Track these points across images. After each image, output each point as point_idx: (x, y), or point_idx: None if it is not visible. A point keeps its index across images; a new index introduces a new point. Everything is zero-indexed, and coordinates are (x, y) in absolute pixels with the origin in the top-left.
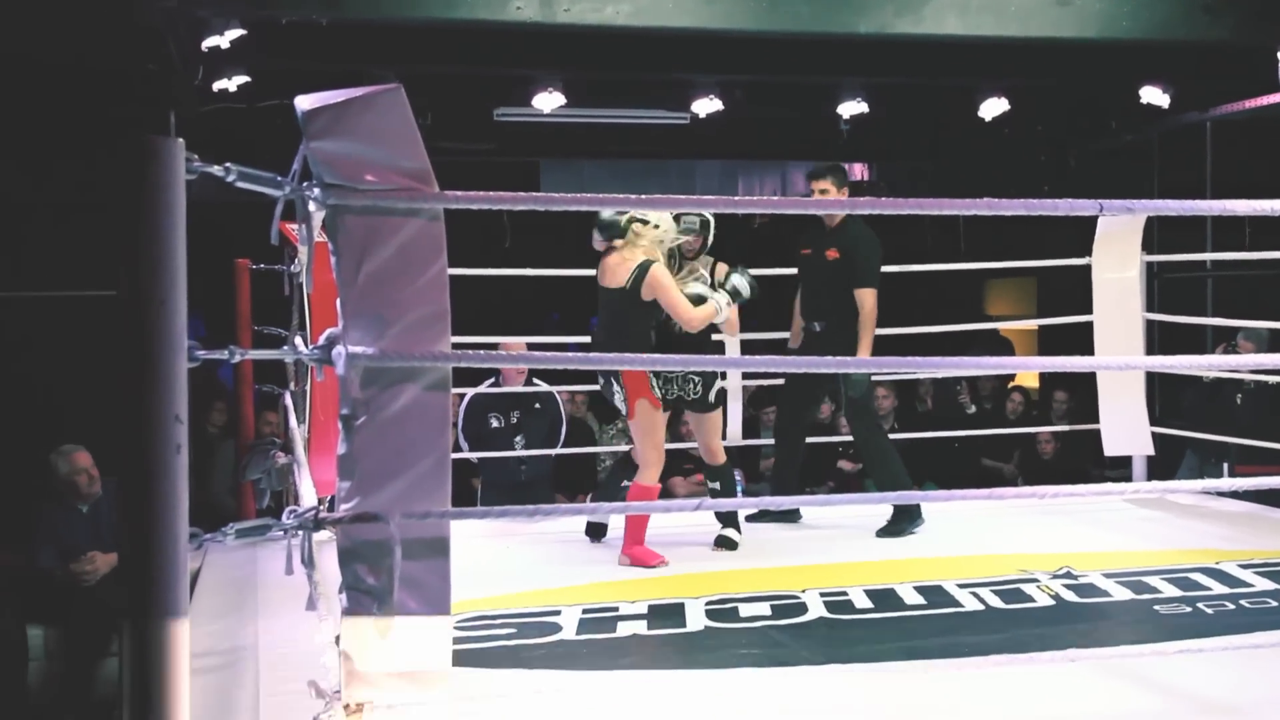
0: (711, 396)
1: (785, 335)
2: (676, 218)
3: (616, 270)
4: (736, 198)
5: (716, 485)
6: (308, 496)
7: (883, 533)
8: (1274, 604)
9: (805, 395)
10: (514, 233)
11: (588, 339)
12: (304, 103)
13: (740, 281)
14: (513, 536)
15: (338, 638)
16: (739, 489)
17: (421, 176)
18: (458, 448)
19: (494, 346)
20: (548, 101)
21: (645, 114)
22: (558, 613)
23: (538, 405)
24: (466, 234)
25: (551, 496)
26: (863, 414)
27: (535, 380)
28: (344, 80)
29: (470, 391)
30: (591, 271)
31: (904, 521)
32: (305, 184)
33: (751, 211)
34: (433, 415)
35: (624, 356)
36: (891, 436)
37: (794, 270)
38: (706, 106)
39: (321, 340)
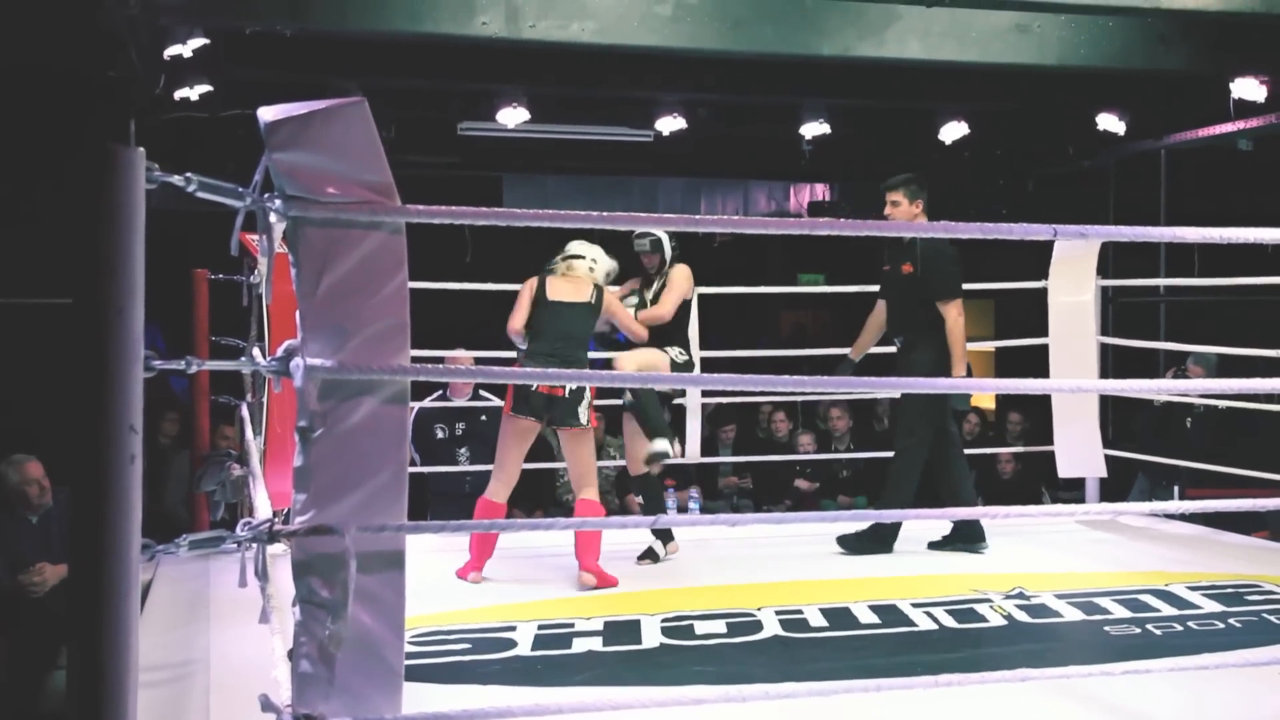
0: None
1: (742, 353)
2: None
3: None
4: (698, 216)
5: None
6: (262, 509)
7: (936, 545)
8: (1221, 626)
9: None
10: (475, 247)
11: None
12: (266, 114)
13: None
14: (464, 552)
15: (290, 651)
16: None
17: (383, 190)
18: (414, 461)
19: (438, 360)
20: (512, 116)
21: (609, 131)
22: (513, 628)
23: (484, 418)
24: (428, 247)
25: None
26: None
27: (484, 393)
28: (308, 92)
29: (417, 405)
30: None
31: (966, 539)
32: (266, 195)
33: (713, 230)
34: (390, 428)
35: (582, 373)
36: (848, 456)
37: (747, 290)
38: (670, 124)
39: (280, 352)
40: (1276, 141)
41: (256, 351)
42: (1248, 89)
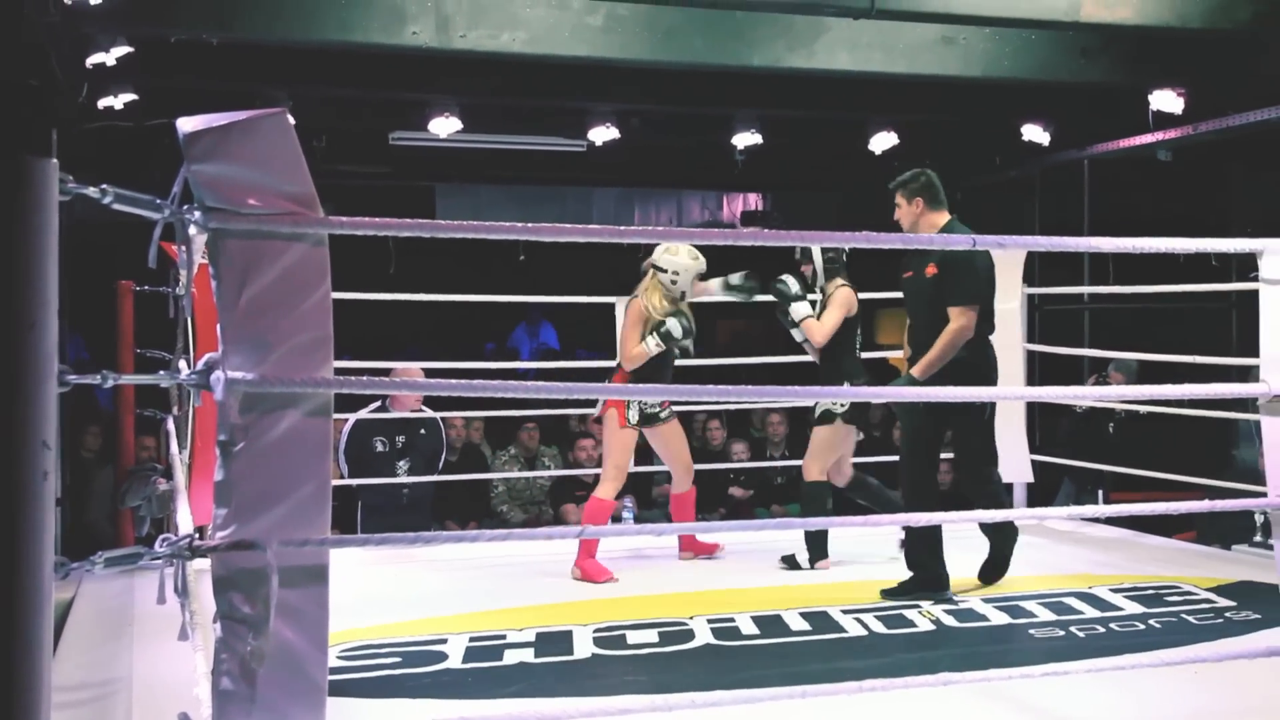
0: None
1: (684, 362)
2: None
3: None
4: (630, 227)
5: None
6: (183, 524)
7: (890, 594)
8: (1141, 627)
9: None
10: (407, 257)
11: (487, 365)
12: (186, 125)
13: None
14: (403, 564)
15: (212, 668)
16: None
17: (306, 201)
18: (338, 474)
19: (385, 372)
20: (444, 126)
21: (542, 141)
22: (444, 641)
23: (423, 430)
24: (357, 258)
25: (431, 522)
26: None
27: (423, 406)
28: (236, 100)
29: (354, 416)
30: (489, 297)
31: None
32: (186, 207)
33: (641, 241)
34: (313, 441)
35: (514, 385)
36: (784, 463)
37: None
38: (603, 134)
39: (200, 365)
40: (1194, 152)
41: (183, 364)
42: (1166, 101)
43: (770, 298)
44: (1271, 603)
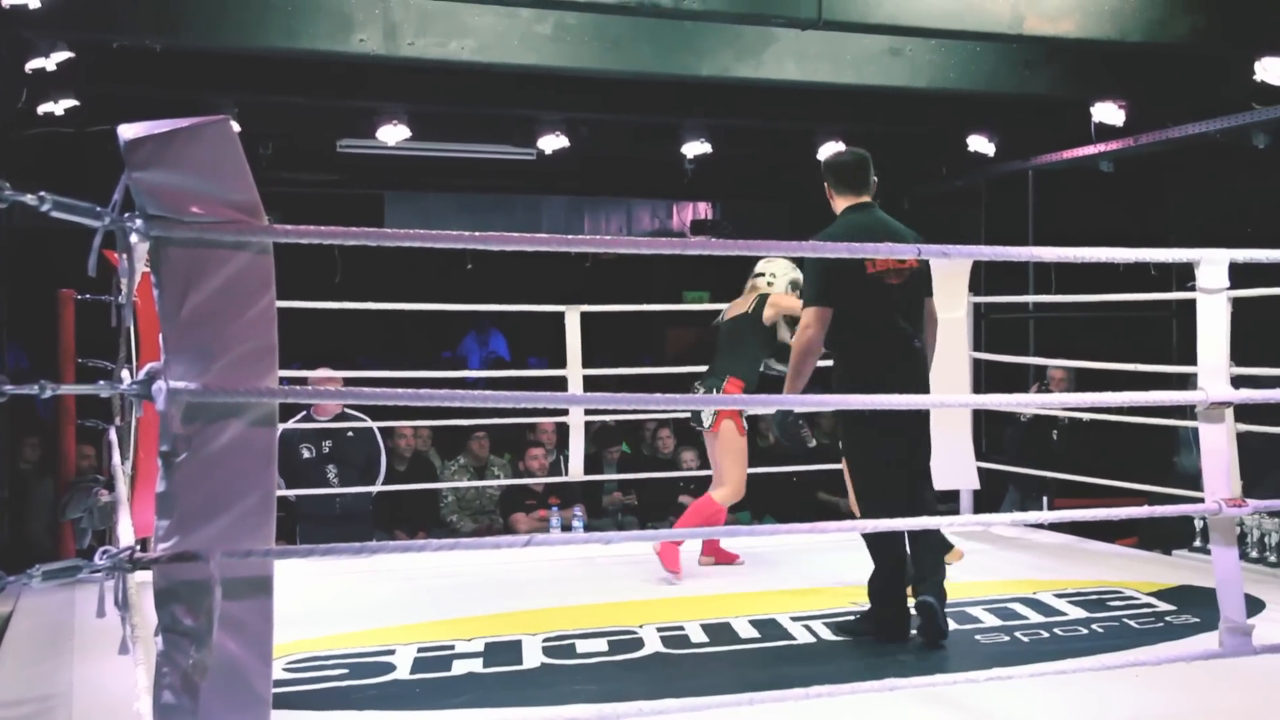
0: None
1: (626, 371)
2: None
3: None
4: (579, 236)
5: None
6: (125, 536)
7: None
8: (1084, 631)
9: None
10: (357, 265)
11: (436, 374)
12: (127, 132)
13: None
14: (350, 574)
15: (154, 682)
16: None
17: (250, 209)
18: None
19: (302, 380)
20: (392, 134)
21: (491, 149)
22: (392, 652)
23: (350, 435)
24: (303, 266)
25: (371, 530)
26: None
27: (351, 413)
28: (180, 108)
29: (280, 426)
30: (435, 306)
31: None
32: (127, 215)
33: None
34: (257, 451)
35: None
36: None
37: (632, 307)
38: (553, 143)
39: (141, 375)
40: (1135, 164)
41: (125, 374)
42: (1107, 113)
43: None
44: (1210, 606)
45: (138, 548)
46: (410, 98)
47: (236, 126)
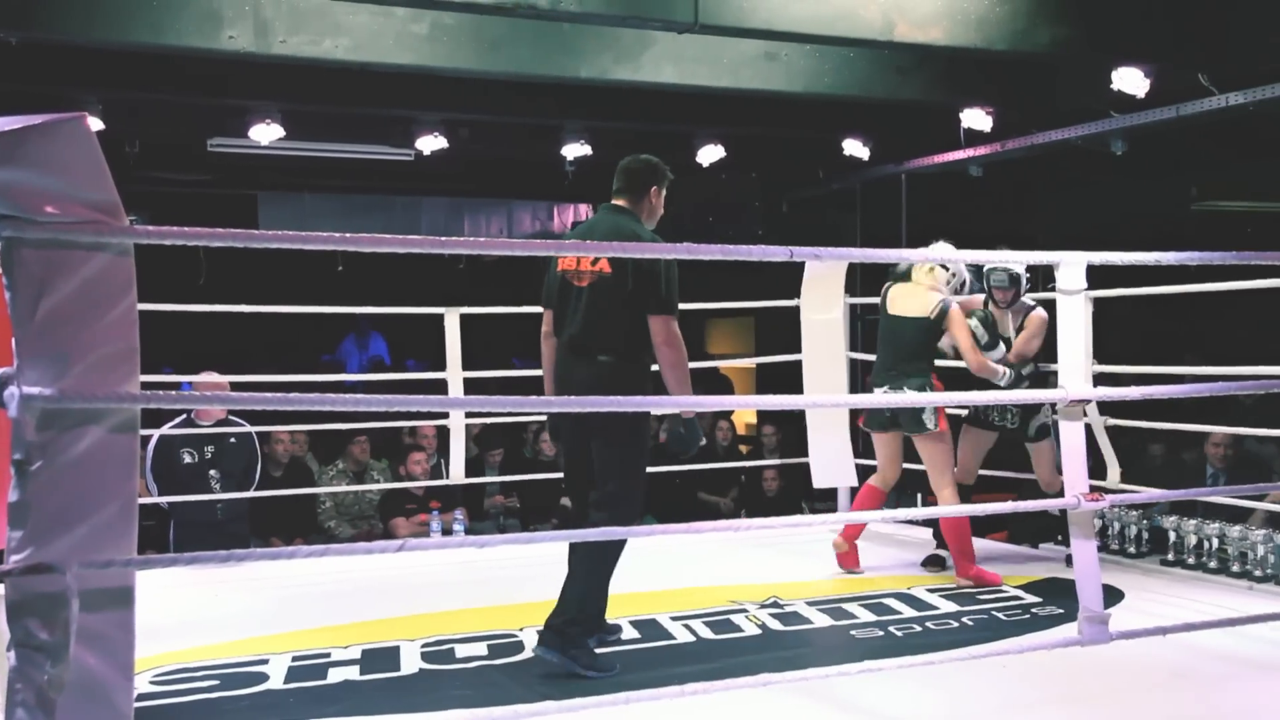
0: (1031, 430)
1: (506, 373)
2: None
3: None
4: (453, 238)
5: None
6: None
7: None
8: (955, 625)
9: None
10: (232, 267)
11: (315, 378)
12: None
13: (975, 325)
14: (223, 583)
15: (6, 699)
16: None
17: (108, 209)
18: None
19: (176, 385)
20: (265, 133)
21: (369, 149)
22: (265, 661)
23: (233, 440)
24: (173, 267)
25: (249, 537)
26: None
27: (231, 418)
28: (40, 103)
29: (157, 432)
30: (310, 309)
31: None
32: None
33: (464, 252)
34: (118, 459)
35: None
36: None
37: (514, 310)
38: (431, 144)
39: None
40: (1003, 168)
41: None
42: (976, 119)
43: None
44: (1074, 597)
45: None
46: (284, 96)
47: (99, 124)
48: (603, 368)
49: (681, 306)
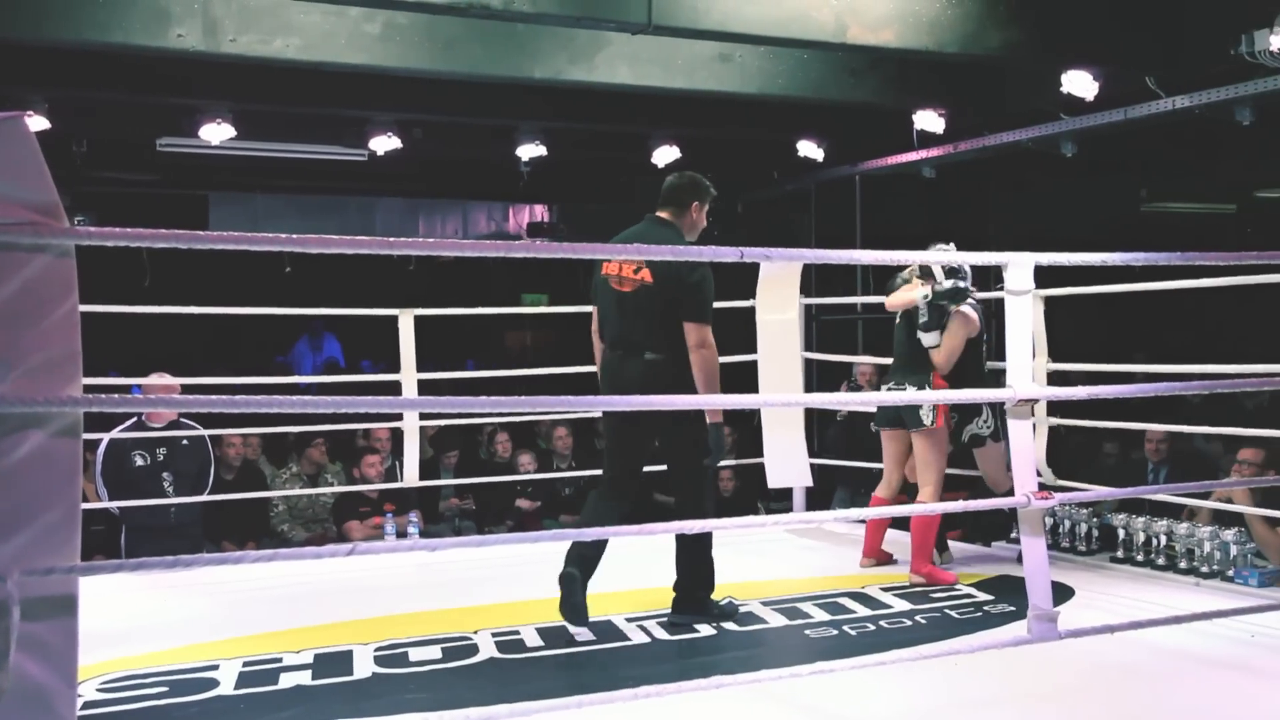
0: (965, 437)
1: (461, 375)
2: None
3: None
4: (405, 239)
5: None
6: None
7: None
8: (909, 623)
9: None
10: (183, 268)
11: (272, 380)
12: None
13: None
14: (173, 589)
15: None
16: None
17: (48, 210)
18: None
19: (126, 389)
20: (216, 133)
21: (322, 149)
22: (215, 667)
23: (185, 442)
24: (117, 268)
25: (202, 541)
26: None
27: (184, 420)
28: None
29: (107, 436)
30: (261, 310)
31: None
32: None
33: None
34: (60, 464)
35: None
36: (570, 474)
37: (469, 311)
38: (385, 144)
39: None
40: (956, 170)
41: None
42: (928, 121)
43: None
44: (1025, 595)
45: None
46: (234, 96)
47: (43, 123)
48: (651, 365)
49: None
